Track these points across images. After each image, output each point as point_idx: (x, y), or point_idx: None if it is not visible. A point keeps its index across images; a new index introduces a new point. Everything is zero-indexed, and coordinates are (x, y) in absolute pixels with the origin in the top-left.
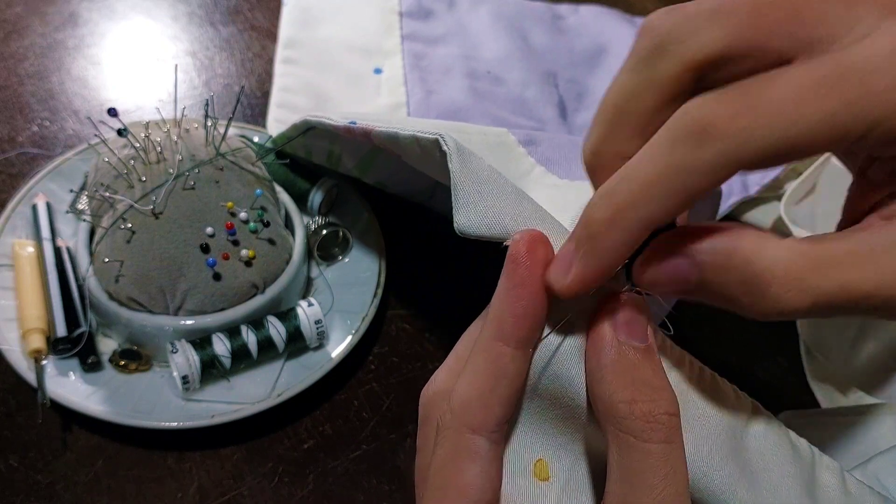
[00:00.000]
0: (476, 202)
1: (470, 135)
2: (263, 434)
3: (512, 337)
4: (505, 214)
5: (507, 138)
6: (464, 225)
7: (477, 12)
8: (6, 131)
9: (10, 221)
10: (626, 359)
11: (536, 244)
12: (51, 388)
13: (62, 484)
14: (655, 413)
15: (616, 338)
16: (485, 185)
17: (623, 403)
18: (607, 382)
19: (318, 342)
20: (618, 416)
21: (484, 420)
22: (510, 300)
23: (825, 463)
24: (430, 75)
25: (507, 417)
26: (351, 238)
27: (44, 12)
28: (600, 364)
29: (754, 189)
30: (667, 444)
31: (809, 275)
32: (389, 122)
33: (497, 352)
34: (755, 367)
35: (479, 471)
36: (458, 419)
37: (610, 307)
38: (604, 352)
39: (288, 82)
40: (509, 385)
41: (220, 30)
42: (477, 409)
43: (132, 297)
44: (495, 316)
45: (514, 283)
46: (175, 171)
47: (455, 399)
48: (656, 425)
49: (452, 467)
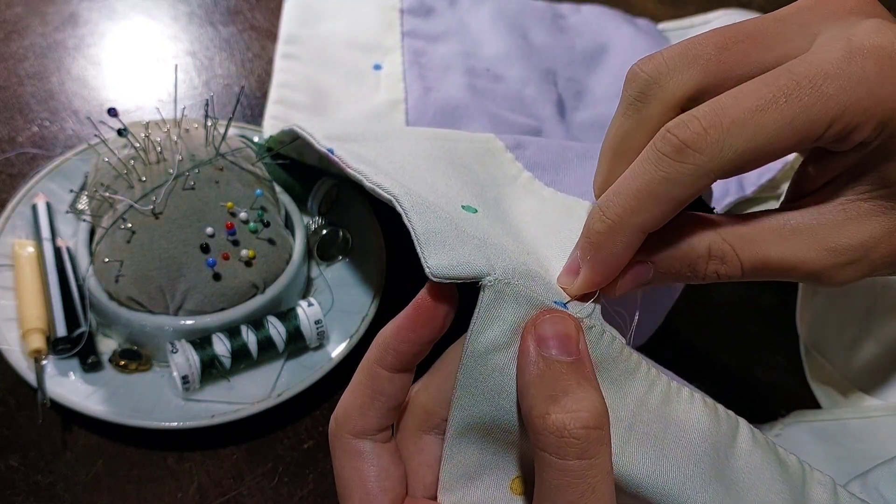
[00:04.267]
0: (442, 250)
1: (457, 143)
2: (263, 434)
3: (391, 366)
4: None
5: (494, 144)
6: (435, 267)
7: (478, 10)
8: (6, 131)
9: (10, 221)
10: (548, 373)
11: (442, 298)
12: (51, 388)
13: (62, 484)
14: (570, 427)
15: (539, 353)
16: (446, 234)
17: (539, 418)
18: (529, 397)
19: (318, 342)
20: (535, 431)
21: (364, 428)
22: (399, 338)
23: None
24: (430, 72)
25: (386, 426)
26: (351, 238)
27: (44, 12)
28: (524, 380)
29: (750, 189)
30: (582, 461)
31: (739, 251)
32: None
33: (375, 373)
34: (755, 368)
35: (371, 463)
36: (340, 427)
37: (537, 322)
38: (527, 367)
39: (287, 78)
40: (387, 402)
41: (220, 30)
42: (357, 418)
43: (132, 297)
44: (382, 344)
45: (407, 325)
46: (175, 171)
47: (339, 409)
48: (570, 440)
49: (348, 468)
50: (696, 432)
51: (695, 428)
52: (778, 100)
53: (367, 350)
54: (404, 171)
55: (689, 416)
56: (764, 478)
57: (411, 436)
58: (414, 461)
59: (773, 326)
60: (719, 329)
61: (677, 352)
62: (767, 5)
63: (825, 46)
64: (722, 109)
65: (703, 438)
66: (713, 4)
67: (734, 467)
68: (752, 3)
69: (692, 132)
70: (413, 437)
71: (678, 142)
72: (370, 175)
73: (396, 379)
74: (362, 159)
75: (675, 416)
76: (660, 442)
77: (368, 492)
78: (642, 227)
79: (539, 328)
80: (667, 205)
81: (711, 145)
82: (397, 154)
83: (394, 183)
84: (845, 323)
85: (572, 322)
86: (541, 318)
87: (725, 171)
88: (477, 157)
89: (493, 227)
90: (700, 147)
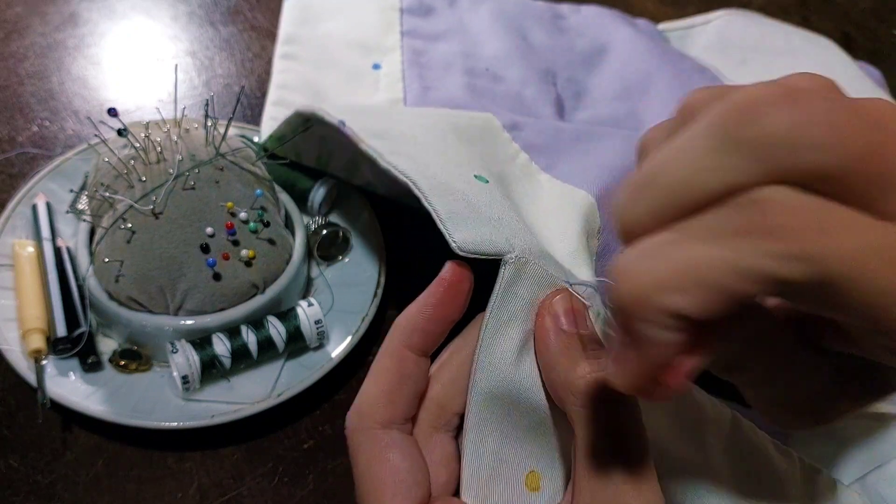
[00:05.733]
0: (465, 227)
1: (459, 118)
2: (263, 434)
3: (418, 346)
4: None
5: (493, 123)
6: (461, 241)
7: (478, 10)
8: (6, 131)
9: (10, 221)
10: (573, 344)
11: (465, 275)
12: (51, 388)
13: (62, 484)
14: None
15: (559, 328)
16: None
17: (579, 378)
18: (561, 367)
19: (318, 342)
20: (576, 393)
21: (392, 416)
22: (426, 315)
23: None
24: (429, 72)
25: (412, 414)
26: (351, 238)
27: (44, 12)
28: (551, 353)
29: None
30: (619, 405)
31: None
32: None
33: (403, 356)
34: None
35: (402, 456)
36: (366, 419)
37: (555, 301)
38: (550, 341)
39: (286, 79)
40: (414, 386)
41: (220, 30)
42: (384, 406)
43: (132, 297)
44: (407, 325)
45: (435, 301)
46: (175, 171)
47: (361, 400)
48: (609, 391)
49: (377, 462)
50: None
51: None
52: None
53: (387, 338)
54: (416, 141)
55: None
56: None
57: (423, 434)
58: (427, 460)
59: None
60: None
61: None
62: (768, 6)
63: None
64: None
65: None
66: (713, 4)
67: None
68: (753, 4)
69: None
70: (425, 435)
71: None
72: (385, 154)
73: (422, 363)
74: (375, 133)
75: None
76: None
77: (401, 485)
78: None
79: (557, 306)
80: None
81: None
82: (406, 126)
83: (409, 164)
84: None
85: (577, 299)
86: (555, 296)
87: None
88: (479, 133)
89: (505, 202)
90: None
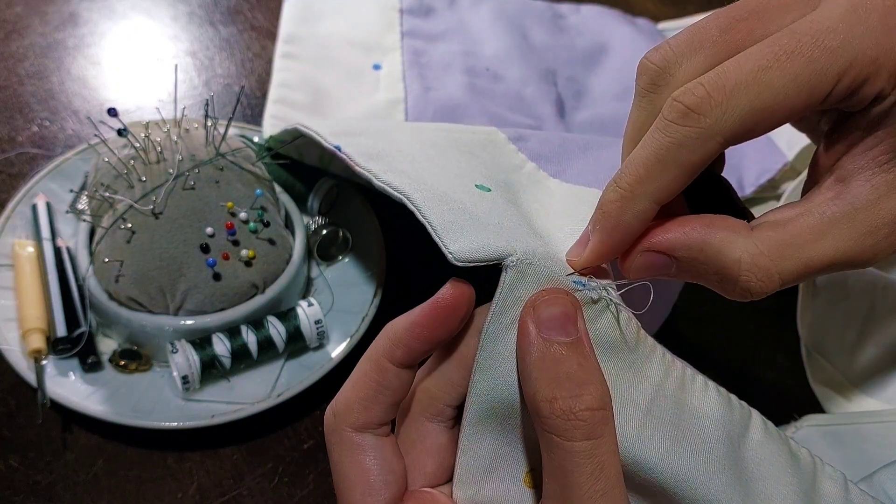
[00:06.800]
0: (461, 236)
1: (461, 133)
2: (263, 434)
3: (400, 361)
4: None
5: (497, 136)
6: (458, 252)
7: (478, 10)
8: (6, 131)
9: (10, 221)
10: (549, 356)
11: (463, 298)
12: (51, 388)
13: (62, 484)
14: (576, 410)
15: (539, 335)
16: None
17: (544, 402)
18: (532, 380)
19: (318, 342)
20: (541, 415)
21: (366, 421)
22: (413, 334)
23: (828, 472)
24: (429, 71)
25: (388, 420)
26: (351, 238)
27: (44, 12)
28: (526, 363)
29: (750, 189)
30: (590, 441)
31: (776, 262)
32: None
33: (383, 367)
34: (755, 368)
35: (373, 457)
36: (341, 420)
37: (535, 304)
38: (528, 350)
39: (286, 78)
40: (391, 396)
41: (220, 30)
42: (359, 411)
43: (132, 297)
44: (393, 338)
45: (425, 322)
46: (175, 171)
47: (339, 401)
48: (577, 423)
49: (348, 462)
50: (710, 420)
51: (709, 416)
52: (780, 58)
53: (374, 341)
54: (413, 159)
55: (704, 404)
56: (774, 468)
57: (414, 422)
58: (415, 449)
59: (773, 326)
60: (719, 328)
61: (677, 351)
62: None
63: (828, 5)
64: (725, 73)
65: (716, 426)
66: (713, 4)
67: (746, 457)
68: None
69: (696, 97)
70: (416, 423)
71: (683, 107)
72: (379, 174)
73: (403, 374)
74: (370, 155)
75: (690, 402)
76: (675, 427)
77: (371, 486)
78: (654, 196)
79: (538, 310)
80: (676, 170)
81: (716, 108)
82: (404, 144)
83: (403, 180)
84: (846, 325)
85: (569, 300)
86: (539, 298)
87: (734, 132)
88: (481, 146)
89: (508, 208)
90: (705, 110)
